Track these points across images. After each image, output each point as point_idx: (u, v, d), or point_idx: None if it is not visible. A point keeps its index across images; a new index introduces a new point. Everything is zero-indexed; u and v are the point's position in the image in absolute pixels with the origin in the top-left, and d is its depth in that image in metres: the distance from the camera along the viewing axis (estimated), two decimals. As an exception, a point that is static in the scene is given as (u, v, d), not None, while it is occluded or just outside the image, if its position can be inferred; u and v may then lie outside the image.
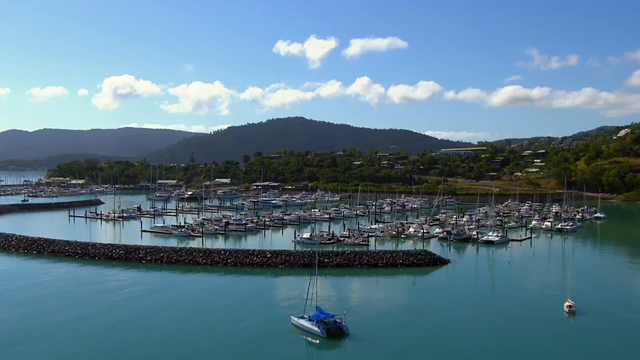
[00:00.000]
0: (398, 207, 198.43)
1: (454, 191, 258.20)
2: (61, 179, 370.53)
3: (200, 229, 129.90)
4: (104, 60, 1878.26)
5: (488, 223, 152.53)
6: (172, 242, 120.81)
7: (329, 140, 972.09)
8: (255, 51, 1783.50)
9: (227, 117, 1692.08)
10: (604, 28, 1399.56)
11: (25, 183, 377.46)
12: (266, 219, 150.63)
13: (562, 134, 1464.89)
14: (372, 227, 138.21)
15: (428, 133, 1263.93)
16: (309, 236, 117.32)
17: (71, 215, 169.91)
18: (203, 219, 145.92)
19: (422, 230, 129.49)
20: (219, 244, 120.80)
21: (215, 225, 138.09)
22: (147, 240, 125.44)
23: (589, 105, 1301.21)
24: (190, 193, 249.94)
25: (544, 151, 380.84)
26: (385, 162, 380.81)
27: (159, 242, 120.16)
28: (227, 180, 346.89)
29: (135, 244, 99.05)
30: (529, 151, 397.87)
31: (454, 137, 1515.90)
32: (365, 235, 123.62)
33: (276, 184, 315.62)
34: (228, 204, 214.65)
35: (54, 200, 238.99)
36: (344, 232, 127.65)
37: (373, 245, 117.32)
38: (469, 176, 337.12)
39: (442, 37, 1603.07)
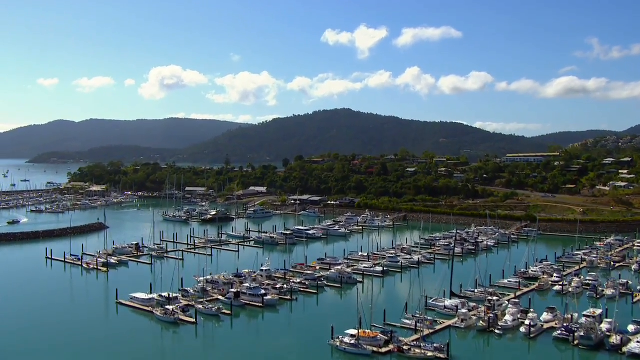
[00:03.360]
0: (470, 247, 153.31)
1: (533, 217, 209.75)
2: (81, 184, 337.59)
3: (195, 308, 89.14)
4: (151, 50, 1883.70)
5: (609, 292, 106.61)
6: (156, 329, 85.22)
7: (376, 133, 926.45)
8: (303, 41, 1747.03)
9: (275, 107, 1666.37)
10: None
11: (48, 186, 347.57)
12: (294, 281, 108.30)
13: (616, 126, 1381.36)
14: (447, 304, 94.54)
15: (477, 125, 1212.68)
16: (354, 340, 74.95)
17: (48, 258, 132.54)
18: (206, 281, 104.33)
19: (527, 323, 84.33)
20: (221, 337, 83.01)
21: (222, 292, 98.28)
22: (124, 319, 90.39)
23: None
24: (214, 213, 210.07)
25: (629, 159, 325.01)
26: (443, 169, 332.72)
27: (136, 327, 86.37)
28: (263, 189, 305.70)
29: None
30: (611, 159, 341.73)
31: (504, 129, 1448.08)
32: (441, 337, 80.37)
33: (317, 198, 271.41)
34: (256, 233, 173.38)
35: (53, 222, 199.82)
36: (407, 317, 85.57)
37: (454, 344, 75.96)
38: (542, 189, 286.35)
39: (498, 26, 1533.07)
